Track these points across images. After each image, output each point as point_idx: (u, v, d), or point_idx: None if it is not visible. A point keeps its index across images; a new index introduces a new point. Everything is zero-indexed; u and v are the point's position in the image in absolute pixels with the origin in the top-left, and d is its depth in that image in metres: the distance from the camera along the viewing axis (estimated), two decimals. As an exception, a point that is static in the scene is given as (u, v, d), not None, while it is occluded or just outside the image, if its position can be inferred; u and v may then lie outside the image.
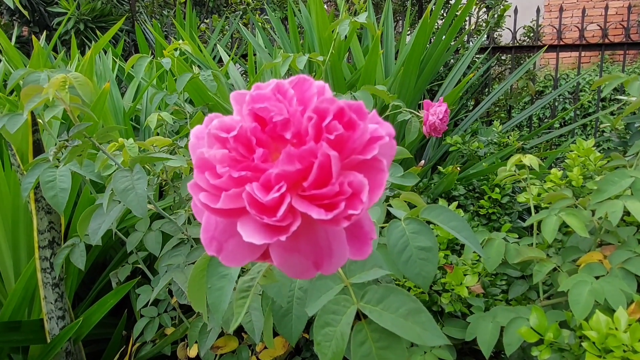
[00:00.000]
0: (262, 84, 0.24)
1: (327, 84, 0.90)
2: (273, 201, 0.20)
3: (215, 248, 0.22)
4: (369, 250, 0.23)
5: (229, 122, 0.23)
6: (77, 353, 1.16)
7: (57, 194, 0.81)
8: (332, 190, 0.20)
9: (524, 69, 1.74)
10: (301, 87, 0.23)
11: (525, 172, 0.84)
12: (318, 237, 0.22)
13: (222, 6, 3.41)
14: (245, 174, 0.21)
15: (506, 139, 1.30)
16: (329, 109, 0.21)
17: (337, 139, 0.21)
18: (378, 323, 0.32)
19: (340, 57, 1.41)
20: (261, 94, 0.23)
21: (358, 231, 0.23)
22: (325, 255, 0.22)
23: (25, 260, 1.18)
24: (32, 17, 2.89)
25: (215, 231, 0.22)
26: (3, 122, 0.83)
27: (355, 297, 0.35)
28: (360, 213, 0.20)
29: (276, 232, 0.20)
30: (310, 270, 0.22)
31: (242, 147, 0.22)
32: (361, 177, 0.21)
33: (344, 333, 0.33)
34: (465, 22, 2.35)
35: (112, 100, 1.58)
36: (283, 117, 0.22)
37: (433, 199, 1.24)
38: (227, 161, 0.21)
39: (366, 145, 0.22)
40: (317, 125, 0.21)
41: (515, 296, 0.91)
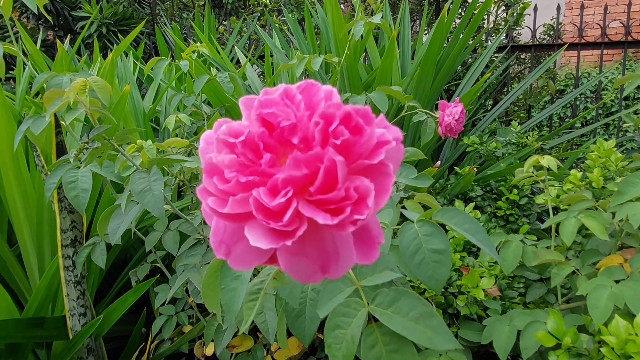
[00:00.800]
0: (271, 88, 0.24)
1: (343, 84, 0.91)
2: (279, 206, 0.20)
3: (224, 252, 0.23)
4: (376, 254, 0.23)
5: (237, 127, 0.23)
6: (98, 349, 1.19)
7: (78, 194, 0.83)
8: (338, 196, 0.20)
9: (544, 68, 1.71)
10: (309, 92, 0.23)
11: (543, 174, 0.82)
12: (325, 242, 0.22)
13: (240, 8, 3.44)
14: (252, 178, 0.21)
15: (525, 139, 1.28)
16: (335, 114, 0.21)
17: (343, 144, 0.21)
18: (388, 326, 0.32)
19: (356, 58, 1.41)
20: (269, 99, 0.23)
21: (365, 235, 0.23)
22: (332, 259, 0.22)
23: (49, 258, 1.21)
24: (57, 21, 2.97)
25: (224, 235, 0.23)
26: (28, 124, 0.86)
27: (366, 300, 0.35)
28: (366, 218, 0.20)
29: (282, 237, 0.21)
30: (317, 275, 0.22)
31: (250, 152, 0.22)
32: (367, 182, 0.21)
33: (355, 336, 0.33)
34: (483, 21, 2.32)
35: (132, 101, 1.62)
36: (290, 122, 0.22)
37: (449, 200, 1.23)
38: (235, 166, 0.22)
39: (373, 150, 0.22)
40: (324, 130, 0.21)
41: (533, 299, 0.89)
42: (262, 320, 0.66)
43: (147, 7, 3.14)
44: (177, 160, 0.66)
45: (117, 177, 0.87)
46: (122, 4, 2.83)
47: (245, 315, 0.32)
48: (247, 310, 0.32)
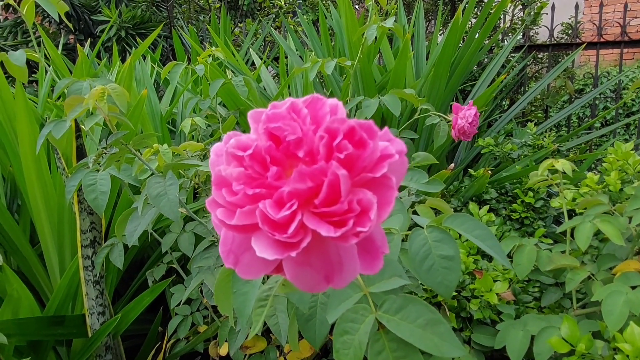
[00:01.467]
0: (278, 102, 0.25)
1: (357, 87, 0.91)
2: (284, 218, 0.21)
3: (232, 261, 0.23)
4: (380, 264, 0.24)
5: (245, 141, 0.24)
6: (116, 347, 1.22)
7: (97, 196, 0.85)
8: (341, 208, 0.21)
9: (561, 67, 1.68)
10: (314, 106, 0.24)
11: (558, 177, 0.81)
12: (329, 252, 0.23)
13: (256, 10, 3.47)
14: (259, 191, 0.22)
15: (541, 141, 1.27)
16: (339, 128, 0.22)
17: (347, 158, 0.21)
18: (395, 333, 0.33)
19: (370, 60, 1.41)
20: (277, 113, 0.24)
21: (369, 246, 0.24)
22: (336, 270, 0.23)
23: (70, 257, 1.25)
24: (78, 25, 3.04)
25: (232, 245, 0.24)
26: (49, 128, 0.88)
27: (373, 306, 0.35)
28: (368, 230, 0.21)
29: (287, 248, 0.21)
30: (322, 285, 0.23)
31: (257, 165, 0.23)
32: (370, 195, 0.21)
33: (362, 342, 0.33)
34: (499, 21, 2.29)
35: (150, 104, 1.65)
36: (296, 136, 0.23)
37: (464, 202, 1.22)
38: (243, 179, 0.23)
39: (376, 163, 0.22)
40: (328, 144, 0.22)
41: (548, 304, 0.88)
42: (274, 322, 0.67)
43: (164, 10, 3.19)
44: (191, 165, 0.68)
45: (135, 180, 0.89)
46: (141, 7, 2.88)
47: (255, 322, 0.33)
48: (255, 316, 0.33)
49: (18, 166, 1.22)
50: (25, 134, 1.12)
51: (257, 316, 0.33)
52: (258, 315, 0.33)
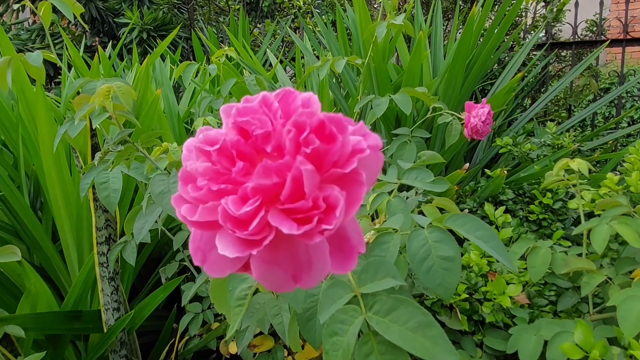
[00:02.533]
0: (251, 97, 0.24)
1: (372, 86, 0.90)
2: (246, 215, 0.20)
3: (200, 258, 0.23)
4: (353, 264, 0.23)
5: (214, 136, 0.23)
6: (132, 343, 1.24)
7: (109, 194, 0.87)
8: (305, 205, 0.20)
9: (584, 65, 1.62)
10: (286, 100, 0.23)
11: (574, 177, 0.78)
12: (297, 251, 0.22)
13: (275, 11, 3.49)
14: (224, 187, 0.21)
15: (560, 141, 1.22)
16: (306, 122, 0.21)
17: (314, 153, 0.21)
18: (384, 336, 0.32)
19: (385, 59, 1.39)
20: (247, 106, 0.23)
21: (344, 244, 0.23)
22: (305, 268, 0.22)
23: (88, 254, 1.27)
24: (102, 28, 3.11)
25: (200, 242, 0.23)
26: (65, 127, 0.90)
27: (364, 307, 0.34)
28: (333, 228, 0.20)
29: (249, 246, 0.21)
30: (289, 284, 0.22)
31: (225, 160, 0.22)
32: (337, 192, 0.20)
33: (350, 344, 0.32)
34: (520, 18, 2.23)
35: (168, 105, 1.67)
36: (264, 130, 0.22)
37: (479, 203, 1.19)
38: (209, 174, 0.22)
39: (347, 159, 0.21)
40: (295, 138, 0.21)
41: (564, 308, 0.85)
42: (278, 322, 0.66)
43: (185, 12, 3.24)
44: (196, 163, 0.68)
45: (147, 179, 0.91)
46: (162, 9, 2.93)
47: (232, 321, 0.32)
48: (233, 315, 0.32)
49: (39, 165, 1.25)
50: (45, 133, 1.15)
51: (235, 315, 0.32)
52: (236, 315, 0.32)
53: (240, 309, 0.33)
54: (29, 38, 2.76)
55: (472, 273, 0.92)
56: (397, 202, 0.57)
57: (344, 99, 1.60)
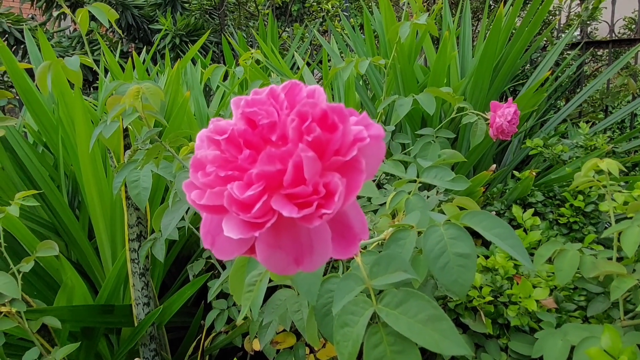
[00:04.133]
0: (260, 89, 0.25)
1: (397, 87, 0.89)
2: (249, 198, 0.21)
3: (210, 241, 0.24)
4: (355, 250, 0.23)
5: (223, 125, 0.25)
6: (161, 337, 1.28)
7: (140, 192, 0.90)
8: (305, 190, 0.21)
9: (621, 64, 1.56)
10: (292, 92, 0.24)
11: (604, 178, 0.76)
12: (300, 235, 0.23)
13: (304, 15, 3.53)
14: (231, 173, 0.22)
15: (594, 142, 1.18)
16: (309, 112, 0.22)
17: (315, 141, 0.22)
18: (393, 327, 0.32)
19: (411, 60, 1.39)
20: (256, 98, 0.24)
21: (346, 231, 0.24)
22: (306, 252, 0.23)
23: (121, 250, 1.32)
24: (138, 34, 3.23)
25: (210, 226, 0.24)
26: (100, 128, 0.95)
27: (374, 299, 0.35)
28: (332, 213, 0.21)
29: (252, 228, 0.22)
30: (291, 267, 0.23)
31: (233, 149, 0.24)
32: (337, 178, 0.21)
33: (360, 335, 0.33)
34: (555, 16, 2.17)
35: (198, 107, 1.72)
36: (270, 120, 0.23)
37: (507, 205, 1.17)
38: (218, 161, 0.23)
39: (349, 147, 0.22)
40: (298, 127, 0.22)
41: (594, 313, 0.82)
42: (299, 318, 0.67)
43: (217, 18, 3.32)
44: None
45: (174, 177, 0.94)
46: (194, 15, 3.02)
47: (243, 305, 0.33)
48: (244, 300, 0.33)
49: (77, 165, 1.31)
50: (83, 134, 1.21)
51: (246, 300, 0.33)
52: (246, 300, 0.33)
53: (250, 294, 0.34)
54: (70, 45, 2.90)
55: (498, 275, 0.90)
56: (415, 200, 0.57)
57: (371, 101, 1.61)
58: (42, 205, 1.31)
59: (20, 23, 2.86)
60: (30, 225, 1.30)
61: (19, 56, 2.98)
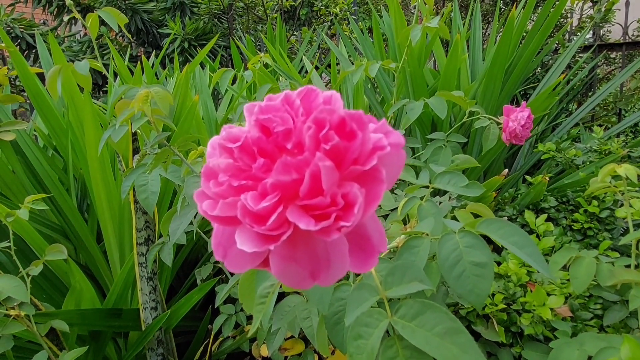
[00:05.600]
0: (274, 95, 0.24)
1: (407, 90, 0.88)
2: (264, 210, 0.20)
3: (221, 254, 0.23)
4: (373, 263, 0.22)
5: (236, 133, 0.24)
6: (168, 342, 1.27)
7: (148, 196, 0.90)
8: (323, 202, 0.20)
9: (635, 67, 1.54)
10: (308, 98, 0.23)
11: (622, 184, 0.74)
12: (316, 248, 0.22)
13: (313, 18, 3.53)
14: (244, 182, 0.21)
15: (608, 146, 1.16)
16: (326, 119, 0.21)
17: (333, 149, 0.21)
18: (409, 340, 0.31)
19: (421, 63, 1.38)
20: (270, 104, 0.24)
21: (364, 244, 0.23)
22: (323, 266, 0.22)
23: (129, 254, 1.32)
24: (147, 38, 3.25)
25: (222, 238, 0.23)
26: (109, 132, 0.95)
27: (390, 311, 0.34)
28: (351, 225, 0.20)
29: (267, 241, 0.21)
30: (307, 281, 0.22)
31: (246, 157, 0.23)
32: (356, 189, 0.20)
33: (374, 347, 0.32)
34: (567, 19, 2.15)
35: (206, 111, 1.72)
36: (285, 127, 0.22)
37: (519, 210, 1.15)
38: (231, 170, 0.22)
39: (368, 156, 0.21)
40: (314, 135, 0.21)
41: (611, 322, 0.80)
42: (308, 325, 0.66)
43: (225, 22, 3.33)
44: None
45: (182, 181, 0.93)
46: (203, 19, 3.03)
47: (255, 318, 0.32)
48: (256, 313, 0.32)
49: (86, 168, 1.32)
50: (92, 138, 1.21)
51: (257, 313, 0.32)
52: (258, 312, 0.32)
53: (262, 306, 0.33)
54: (80, 50, 2.92)
55: (511, 283, 0.88)
56: (428, 206, 0.56)
57: (379, 105, 1.59)
58: (51, 209, 1.32)
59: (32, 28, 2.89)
60: (39, 228, 1.31)
61: (31, 61, 3.01)
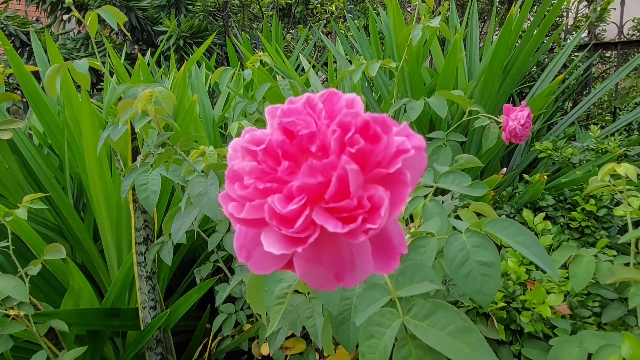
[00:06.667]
0: (295, 98, 0.25)
1: (405, 89, 0.89)
2: (292, 213, 0.21)
3: (245, 255, 0.23)
4: (395, 264, 0.23)
5: (260, 136, 0.24)
6: (167, 341, 1.27)
7: (148, 195, 0.90)
8: (350, 204, 0.20)
9: (631, 66, 1.55)
10: (330, 101, 0.24)
11: (621, 183, 0.75)
12: (341, 250, 0.22)
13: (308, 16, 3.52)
14: (270, 185, 0.21)
15: (605, 145, 1.17)
16: (351, 122, 0.21)
17: (358, 152, 0.21)
18: (422, 340, 0.31)
19: (419, 62, 1.38)
20: (292, 107, 0.24)
21: (386, 245, 0.23)
22: (347, 268, 0.22)
23: (127, 253, 1.32)
24: (142, 36, 3.23)
25: (245, 239, 0.24)
26: (108, 131, 0.94)
27: (401, 311, 0.34)
28: (378, 227, 0.20)
29: (295, 243, 0.21)
30: (332, 282, 0.22)
31: (270, 160, 0.23)
32: (382, 192, 0.20)
33: (387, 347, 0.32)
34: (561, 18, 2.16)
35: (203, 109, 1.71)
36: (309, 130, 0.22)
37: (517, 209, 1.16)
38: (256, 173, 0.23)
39: (391, 159, 0.21)
40: (340, 138, 0.21)
41: (609, 320, 0.81)
42: (311, 324, 0.66)
43: (220, 20, 3.32)
44: (233, 165, 0.69)
45: (184, 181, 0.93)
46: (198, 17, 3.01)
47: (272, 319, 0.33)
48: (273, 314, 0.33)
49: (83, 167, 1.31)
50: (89, 136, 1.20)
51: (275, 314, 0.33)
52: (276, 313, 0.33)
53: (280, 307, 0.33)
54: (74, 47, 2.90)
55: (510, 281, 0.89)
56: (433, 205, 0.56)
57: (376, 103, 1.60)
58: (48, 208, 1.31)
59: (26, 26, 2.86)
60: (36, 227, 1.30)
61: (24, 58, 2.98)
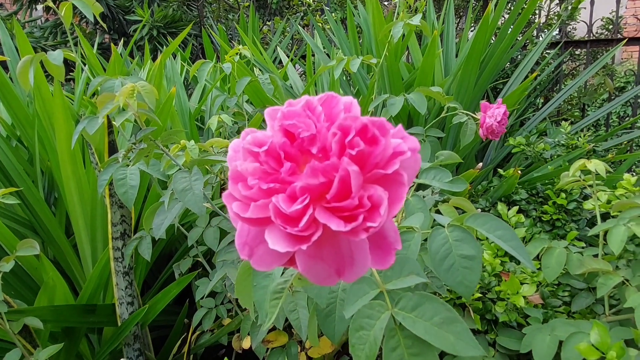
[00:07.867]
0: (294, 100, 0.25)
1: (383, 85, 0.90)
2: (296, 212, 0.21)
3: (247, 253, 0.24)
4: (392, 260, 0.24)
5: (261, 137, 0.24)
6: (144, 337, 1.26)
7: (127, 190, 0.88)
8: (351, 204, 0.21)
9: (600, 64, 1.61)
10: (329, 104, 0.24)
11: (590, 178, 0.79)
12: (341, 247, 0.23)
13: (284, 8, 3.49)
14: (273, 185, 0.22)
15: (575, 141, 1.22)
16: (351, 125, 0.22)
17: (358, 154, 0.22)
18: (411, 330, 0.33)
19: (397, 57, 1.40)
20: (292, 110, 0.24)
21: (381, 242, 0.24)
22: (348, 264, 0.23)
23: (101, 249, 1.29)
24: (113, 25, 3.13)
25: (248, 237, 0.24)
26: (84, 124, 0.92)
27: (390, 303, 0.35)
28: (378, 226, 0.21)
29: (299, 241, 0.22)
30: (332, 278, 0.23)
31: (272, 161, 0.23)
32: (381, 191, 0.21)
33: (377, 338, 0.33)
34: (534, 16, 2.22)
35: (179, 102, 1.68)
36: (310, 133, 0.23)
37: (492, 203, 1.19)
38: (258, 174, 0.23)
39: (388, 160, 0.22)
40: (340, 141, 0.22)
41: (578, 309, 0.86)
42: (295, 317, 0.67)
43: (195, 10, 3.25)
44: (216, 161, 0.69)
45: (163, 175, 0.92)
46: (172, 7, 2.95)
47: (270, 313, 0.33)
48: (271, 308, 0.33)
49: (55, 161, 1.27)
50: (62, 129, 1.17)
51: (272, 308, 0.33)
52: (273, 307, 0.33)
53: (277, 302, 0.34)
54: (42, 36, 2.79)
55: (485, 272, 0.92)
56: (415, 201, 0.57)
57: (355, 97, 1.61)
58: (19, 202, 1.27)
59: (-12, 11, 2.73)
60: (6, 222, 1.26)
61: (-13, 46, 2.85)
